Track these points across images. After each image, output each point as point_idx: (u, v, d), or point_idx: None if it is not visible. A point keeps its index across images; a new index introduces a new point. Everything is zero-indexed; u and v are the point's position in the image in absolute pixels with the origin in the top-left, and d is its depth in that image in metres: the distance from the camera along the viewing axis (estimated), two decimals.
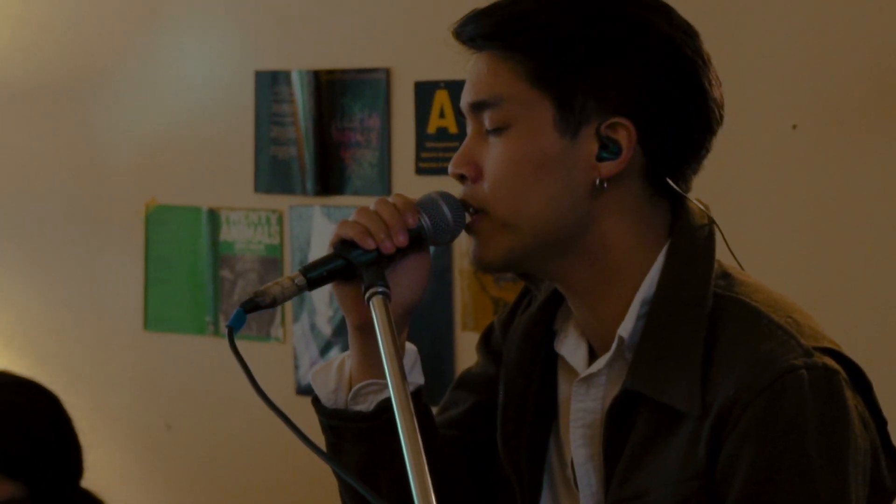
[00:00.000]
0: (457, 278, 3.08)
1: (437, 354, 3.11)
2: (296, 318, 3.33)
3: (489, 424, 1.68)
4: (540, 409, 1.63)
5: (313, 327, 3.30)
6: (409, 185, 3.08)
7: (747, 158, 2.73)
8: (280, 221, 3.34)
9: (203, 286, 3.44)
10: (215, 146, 3.42)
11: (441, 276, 3.08)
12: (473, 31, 1.53)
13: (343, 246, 1.53)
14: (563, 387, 1.63)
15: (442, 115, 3.09)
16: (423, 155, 3.13)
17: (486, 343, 1.74)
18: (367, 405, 1.61)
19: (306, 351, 3.30)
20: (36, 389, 2.55)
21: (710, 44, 1.53)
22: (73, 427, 2.54)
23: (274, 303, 1.50)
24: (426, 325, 3.09)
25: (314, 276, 1.52)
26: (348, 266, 1.53)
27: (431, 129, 3.14)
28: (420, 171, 3.15)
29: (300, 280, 1.51)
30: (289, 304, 3.32)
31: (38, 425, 2.46)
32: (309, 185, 3.28)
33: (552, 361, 1.64)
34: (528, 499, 1.64)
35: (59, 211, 3.64)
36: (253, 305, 1.49)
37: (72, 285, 3.63)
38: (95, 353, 3.61)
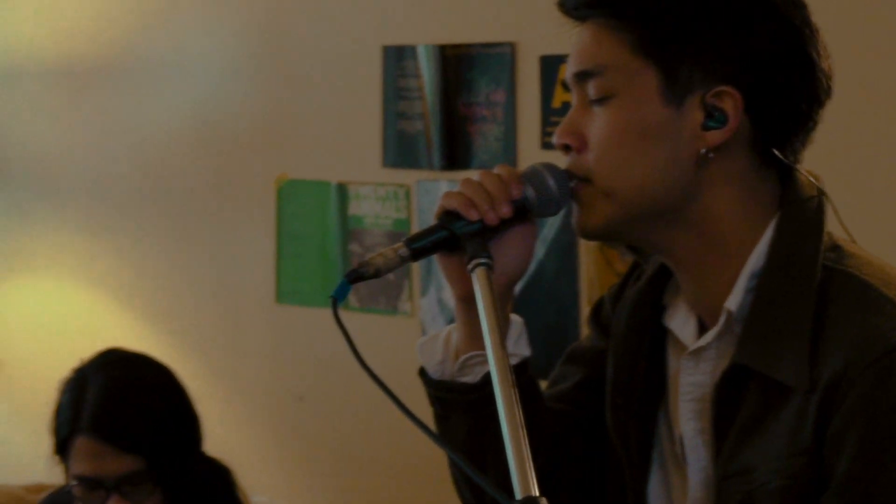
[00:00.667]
0: (582, 253, 3.06)
1: (561, 328, 3.10)
2: (423, 293, 3.34)
3: (598, 399, 1.66)
4: (649, 384, 1.62)
5: (440, 301, 3.31)
6: (535, 159, 3.04)
7: (860, 130, 2.67)
8: (407, 196, 3.36)
9: (333, 260, 3.47)
10: (344, 121, 3.44)
11: (566, 251, 3.07)
12: (577, 1, 1.52)
13: (447, 217, 1.53)
14: (672, 361, 1.61)
15: (567, 89, 3.07)
16: (549, 129, 3.12)
17: (596, 317, 1.73)
18: (473, 377, 1.61)
19: (434, 325, 3.31)
20: (149, 364, 2.60)
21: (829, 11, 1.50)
22: (189, 398, 2.58)
23: (377, 273, 1.50)
24: (551, 300, 3.08)
25: (417, 246, 1.52)
26: (452, 237, 1.53)
27: (556, 104, 3.13)
28: (545, 145, 3.14)
29: (404, 251, 1.51)
30: (417, 279, 3.34)
31: (153, 400, 2.51)
32: (435, 159, 3.29)
33: (661, 336, 1.62)
34: (637, 474, 1.62)
35: (195, 186, 3.71)
36: (357, 276, 1.50)
37: (207, 259, 3.69)
38: (229, 326, 3.67)
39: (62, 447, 2.49)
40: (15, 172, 3.99)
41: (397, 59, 3.34)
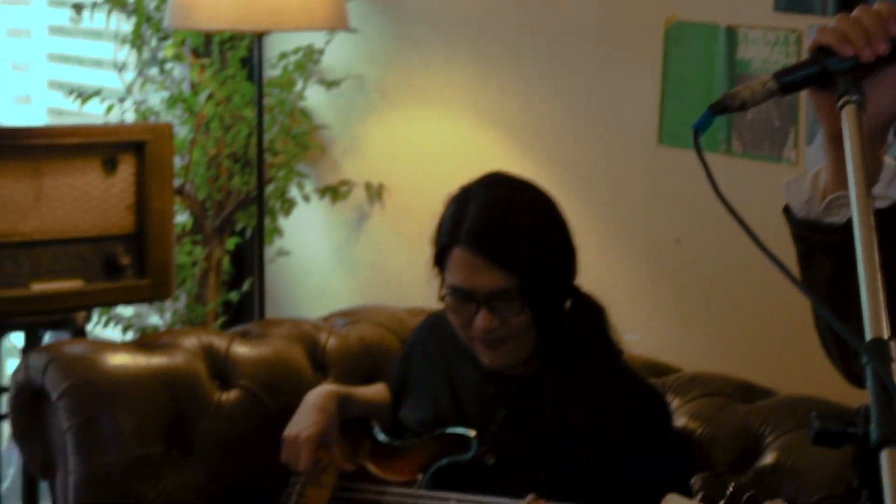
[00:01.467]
0: None
1: None
2: (809, 141, 3.27)
3: None
4: None
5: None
6: None
7: None
8: (798, 41, 3.27)
9: None
10: None
11: None
12: None
13: (820, 52, 1.51)
14: None
15: None
16: None
17: None
18: (839, 217, 1.59)
19: None
20: (531, 189, 2.66)
21: None
22: (567, 228, 2.63)
23: (743, 106, 1.50)
24: None
25: (787, 81, 1.50)
26: (823, 73, 1.50)
27: None
28: None
29: (772, 84, 1.50)
30: (803, 125, 3.27)
31: (531, 221, 2.57)
32: (830, 3, 3.19)
33: None
34: None
35: (582, 24, 3.72)
36: (721, 108, 1.50)
37: (590, 97, 3.72)
38: (609, 165, 3.70)
39: (440, 258, 2.60)
40: (409, 6, 4.11)
41: None
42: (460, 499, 2.60)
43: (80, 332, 3.60)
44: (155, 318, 4.14)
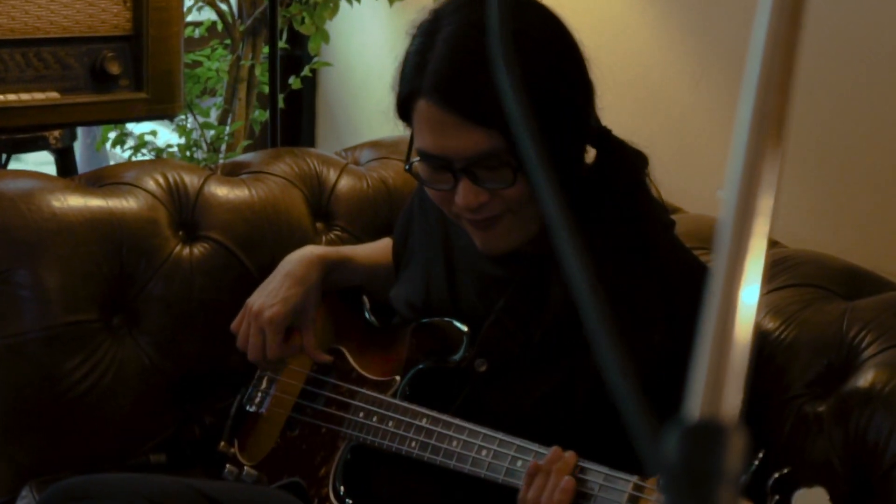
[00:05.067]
0: None
1: None
2: None
3: None
4: None
5: None
6: None
7: None
8: None
9: None
10: None
11: None
12: None
13: None
14: None
15: None
16: None
17: None
18: None
19: None
20: (528, 6, 1.92)
21: None
22: (581, 61, 1.92)
23: None
24: None
25: None
26: None
27: None
28: None
29: None
30: None
31: (524, 55, 1.84)
32: None
33: None
34: None
35: None
36: None
37: None
38: None
39: (404, 110, 1.95)
40: None
41: None
42: (433, 420, 1.97)
43: (65, 157, 3.02)
44: (174, 138, 3.51)
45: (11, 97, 2.79)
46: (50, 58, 2.84)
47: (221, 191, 2.53)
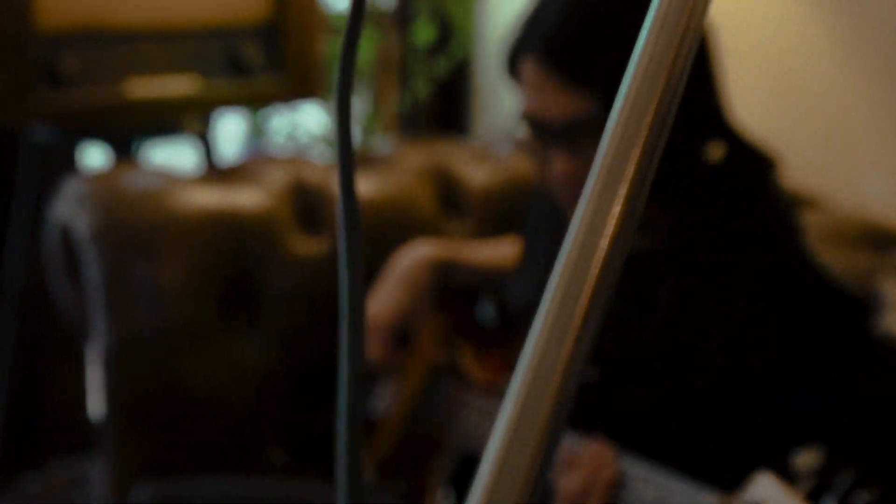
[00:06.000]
0: None
1: None
2: None
3: None
4: None
5: None
6: None
7: None
8: None
9: None
10: None
11: None
12: None
13: None
14: None
15: None
16: None
17: None
18: None
19: None
20: None
21: None
22: (707, 38, 1.79)
23: None
24: None
25: None
26: None
27: None
28: None
29: None
30: None
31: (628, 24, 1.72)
32: None
33: None
34: None
35: None
36: None
37: None
38: None
39: (511, 66, 1.86)
40: None
41: None
42: None
43: (205, 144, 2.99)
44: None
45: (148, 85, 2.77)
46: (187, 48, 2.81)
47: None
